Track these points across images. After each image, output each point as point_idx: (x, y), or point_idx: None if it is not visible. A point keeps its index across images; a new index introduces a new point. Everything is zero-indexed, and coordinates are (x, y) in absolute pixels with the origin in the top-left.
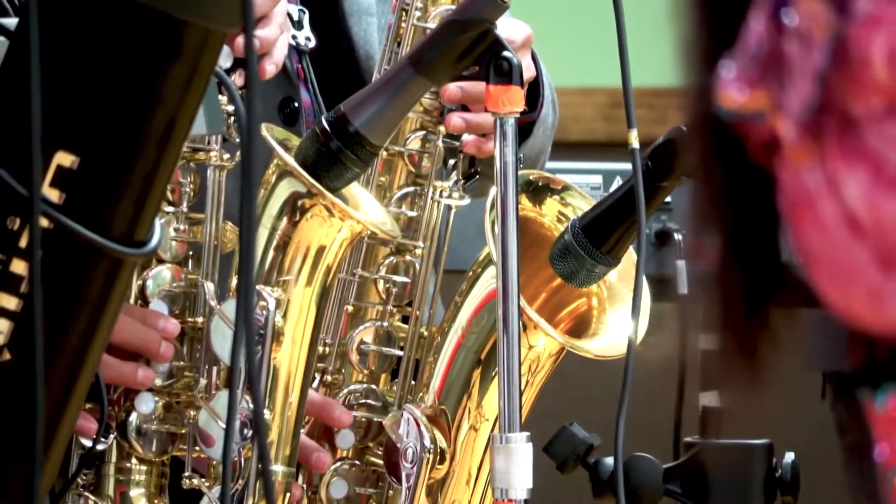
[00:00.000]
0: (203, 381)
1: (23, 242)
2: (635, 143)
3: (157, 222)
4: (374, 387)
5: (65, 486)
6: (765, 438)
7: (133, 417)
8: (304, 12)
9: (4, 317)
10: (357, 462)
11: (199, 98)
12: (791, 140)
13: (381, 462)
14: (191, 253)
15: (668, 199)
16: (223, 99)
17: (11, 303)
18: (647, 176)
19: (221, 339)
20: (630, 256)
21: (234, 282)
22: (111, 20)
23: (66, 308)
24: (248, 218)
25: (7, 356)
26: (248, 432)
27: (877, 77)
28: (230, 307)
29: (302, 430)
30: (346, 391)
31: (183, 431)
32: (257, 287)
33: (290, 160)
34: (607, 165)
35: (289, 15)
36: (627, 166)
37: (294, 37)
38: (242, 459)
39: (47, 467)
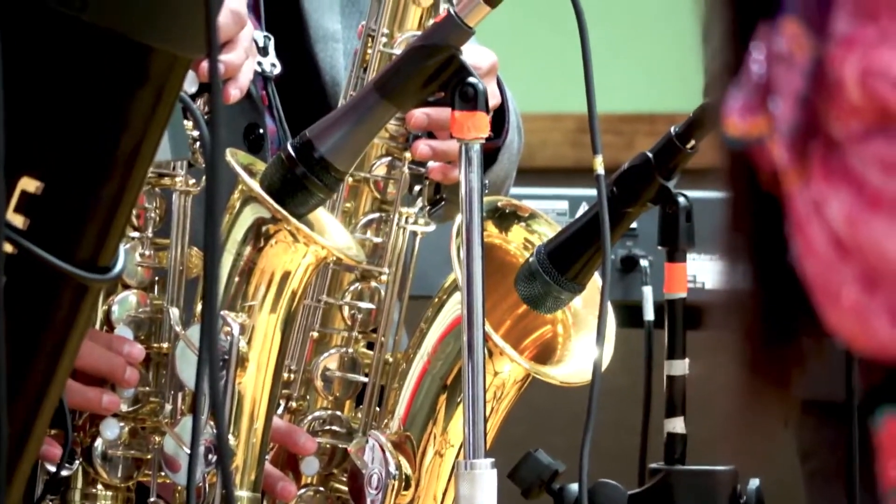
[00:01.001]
0: (168, 407)
1: None
2: (600, 169)
3: (122, 248)
4: (338, 413)
5: None
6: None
7: (98, 443)
8: (270, 38)
9: None
10: (322, 489)
11: (164, 123)
12: (783, 163)
13: (345, 489)
14: (156, 278)
15: (633, 225)
16: (188, 124)
17: None
18: (612, 202)
19: (186, 365)
20: (595, 283)
21: (199, 307)
22: (77, 45)
23: (30, 334)
24: (213, 243)
25: None
26: (213, 458)
27: (850, 98)
28: (195, 333)
29: (266, 457)
30: (310, 417)
31: (148, 457)
32: (222, 313)
33: (255, 185)
34: (574, 191)
35: (254, 41)
36: (594, 192)
37: (259, 63)
38: (207, 485)
39: (11, 493)
